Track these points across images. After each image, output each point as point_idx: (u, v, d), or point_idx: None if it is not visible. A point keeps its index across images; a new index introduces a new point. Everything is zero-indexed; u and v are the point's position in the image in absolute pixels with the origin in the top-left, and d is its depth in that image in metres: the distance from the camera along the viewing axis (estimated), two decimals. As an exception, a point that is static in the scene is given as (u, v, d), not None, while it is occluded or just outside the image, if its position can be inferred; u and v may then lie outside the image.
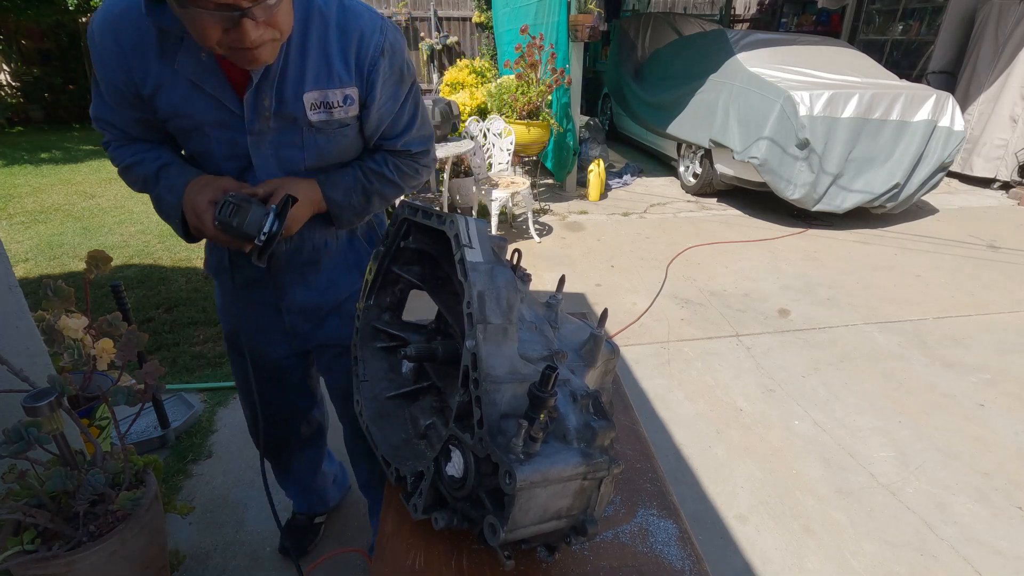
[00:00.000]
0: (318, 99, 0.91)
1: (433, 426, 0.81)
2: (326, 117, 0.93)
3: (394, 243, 0.81)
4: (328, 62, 0.89)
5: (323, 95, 0.91)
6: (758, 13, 11.53)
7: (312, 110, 0.91)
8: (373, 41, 0.91)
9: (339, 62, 0.90)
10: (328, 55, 0.89)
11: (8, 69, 8.66)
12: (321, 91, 0.90)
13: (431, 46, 9.68)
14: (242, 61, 0.79)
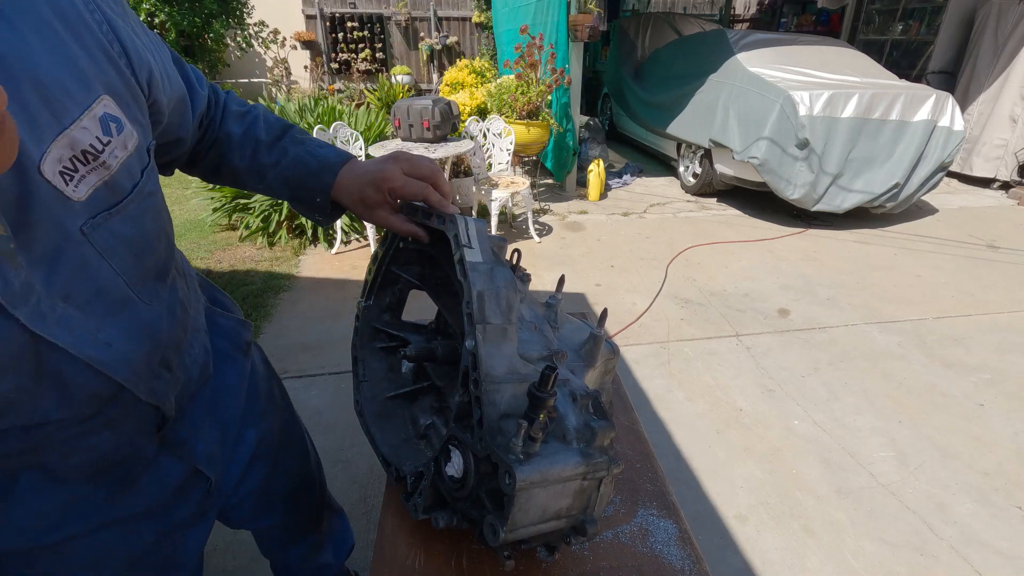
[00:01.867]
0: (64, 156, 0.45)
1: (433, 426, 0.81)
2: (99, 178, 0.49)
3: (394, 243, 0.81)
4: (36, 85, 0.43)
5: (67, 144, 0.45)
6: (758, 13, 11.53)
7: (70, 183, 0.46)
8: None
9: (52, 71, 0.44)
10: (26, 73, 0.43)
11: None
12: (60, 139, 0.45)
13: (431, 46, 9.68)
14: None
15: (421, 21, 9.79)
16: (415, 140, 3.78)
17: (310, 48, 9.58)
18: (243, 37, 8.03)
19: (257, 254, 3.86)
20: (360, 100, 6.65)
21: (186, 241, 4.06)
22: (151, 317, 0.59)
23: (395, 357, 0.89)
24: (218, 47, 8.09)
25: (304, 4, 9.40)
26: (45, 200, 0.45)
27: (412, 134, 3.75)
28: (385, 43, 9.78)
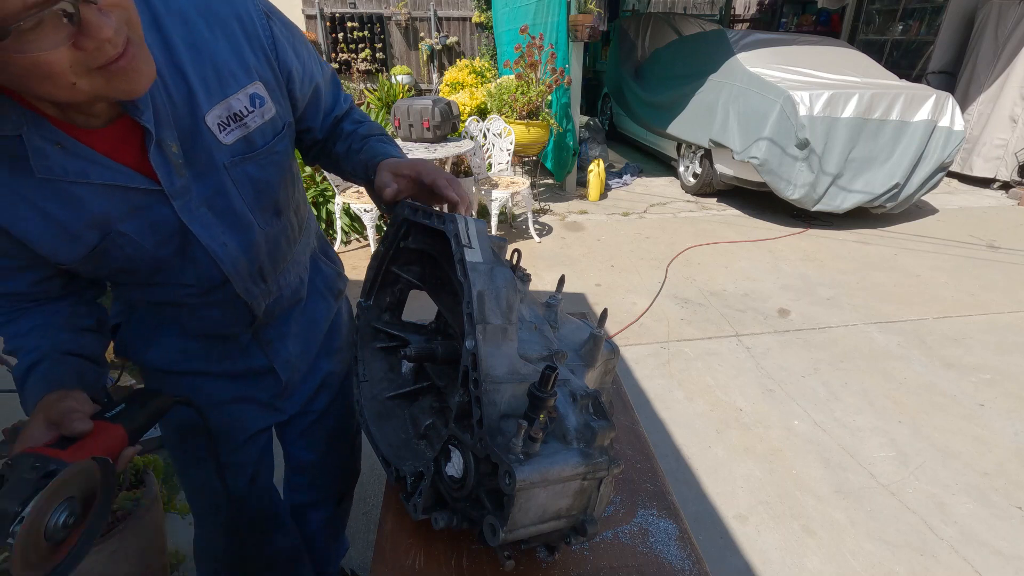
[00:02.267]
0: (223, 115, 0.70)
1: (433, 426, 0.81)
2: (242, 133, 0.72)
3: (393, 243, 0.81)
4: (214, 66, 0.68)
5: (226, 107, 0.70)
6: (758, 13, 11.54)
7: (222, 132, 0.70)
8: (251, 10, 0.72)
9: (227, 59, 0.69)
10: (209, 57, 0.68)
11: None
12: (222, 104, 0.69)
13: (431, 46, 9.68)
14: (118, 81, 0.55)
15: (421, 21, 9.79)
16: (415, 140, 3.78)
17: (310, 48, 9.57)
18: (243, 37, 8.02)
19: (257, 254, 3.86)
20: (360, 100, 6.65)
21: (186, 241, 4.06)
22: (259, 238, 0.81)
23: (395, 357, 0.89)
24: (218, 47, 8.09)
25: (304, 4, 9.40)
26: (205, 139, 0.70)
27: (412, 134, 3.75)
28: (385, 43, 9.78)
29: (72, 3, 0.49)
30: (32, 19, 0.48)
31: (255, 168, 0.76)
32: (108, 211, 0.66)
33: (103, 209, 0.66)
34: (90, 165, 0.63)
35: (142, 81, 0.58)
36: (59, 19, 0.49)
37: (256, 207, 0.79)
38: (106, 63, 0.53)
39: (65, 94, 0.54)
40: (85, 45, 0.51)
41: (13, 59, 0.50)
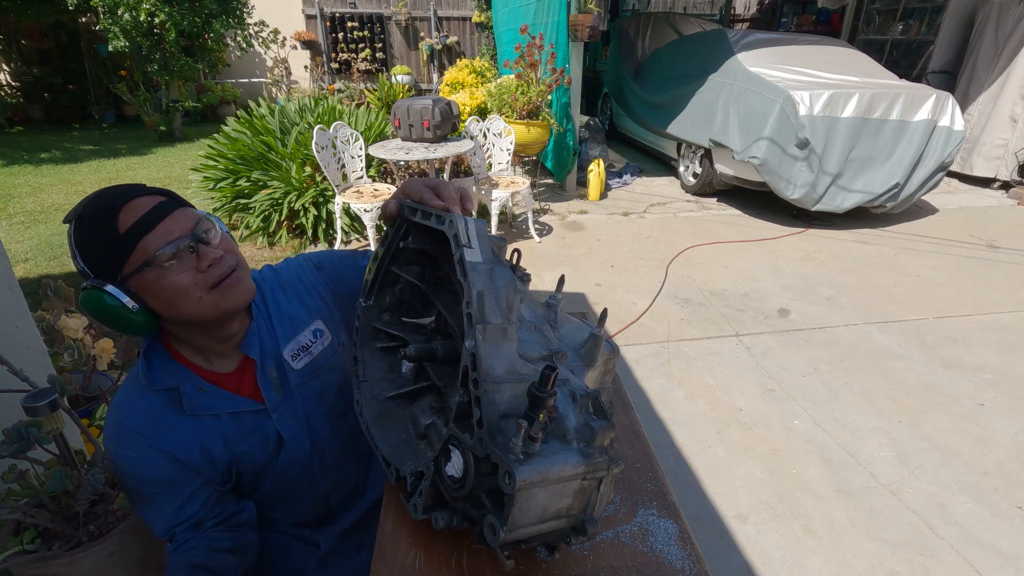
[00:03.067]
0: (294, 348, 0.95)
1: (433, 426, 0.81)
2: (309, 359, 0.96)
3: (393, 243, 0.81)
4: (290, 316, 0.96)
5: (296, 343, 0.95)
6: (758, 13, 11.54)
7: (294, 361, 0.95)
8: (305, 269, 1.02)
9: (296, 311, 0.97)
10: (286, 312, 0.96)
11: (8, 69, 8.66)
12: (292, 341, 0.95)
13: (431, 46, 9.68)
14: (230, 293, 0.81)
15: (421, 21, 9.79)
16: (415, 140, 3.78)
17: (310, 48, 9.58)
18: (243, 37, 8.03)
19: (257, 254, 3.87)
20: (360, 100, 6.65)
21: (186, 241, 4.06)
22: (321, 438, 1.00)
23: (395, 357, 0.89)
24: (218, 47, 8.09)
25: (304, 4, 9.40)
26: (285, 368, 0.94)
27: (412, 134, 3.75)
28: (385, 43, 9.78)
29: (193, 241, 0.77)
30: (168, 250, 0.75)
31: (318, 383, 0.98)
32: (231, 434, 0.90)
33: (228, 433, 0.90)
34: (220, 400, 0.89)
35: (245, 294, 0.83)
36: (187, 254, 0.77)
37: (318, 413, 0.99)
38: (219, 280, 0.79)
39: (196, 308, 0.78)
40: (202, 266, 0.77)
41: (159, 283, 0.75)
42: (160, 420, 0.85)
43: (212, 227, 0.81)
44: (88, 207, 0.77)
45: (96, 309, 0.77)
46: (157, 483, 0.87)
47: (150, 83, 7.88)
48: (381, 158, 3.82)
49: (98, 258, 0.76)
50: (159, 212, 0.76)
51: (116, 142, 7.50)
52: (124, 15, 6.82)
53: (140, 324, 0.78)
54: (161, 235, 0.75)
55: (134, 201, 0.76)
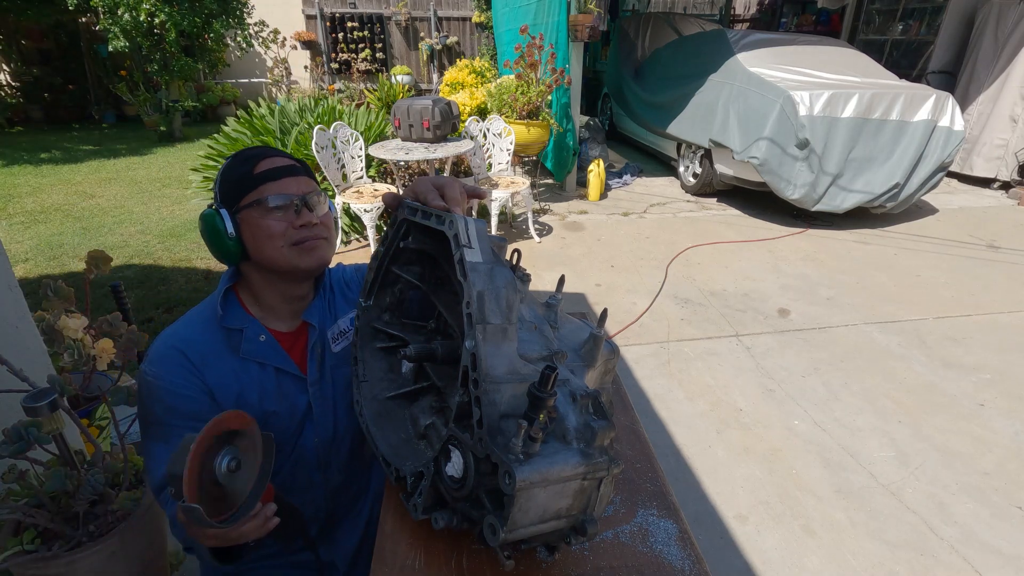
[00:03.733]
0: (335, 332, 1.04)
1: (433, 426, 0.81)
2: (345, 344, 1.04)
3: (393, 243, 0.81)
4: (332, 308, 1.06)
5: (336, 327, 1.04)
6: (758, 13, 11.54)
7: (334, 344, 1.03)
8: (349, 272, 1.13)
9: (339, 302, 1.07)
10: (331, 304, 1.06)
11: (8, 69, 8.66)
12: (334, 326, 1.04)
13: (431, 46, 9.68)
14: (305, 255, 0.91)
15: (421, 21, 9.79)
16: (415, 140, 3.78)
17: (310, 48, 9.58)
18: (243, 37, 8.03)
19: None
20: (360, 100, 6.65)
21: (187, 241, 4.06)
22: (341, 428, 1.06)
23: (395, 357, 0.89)
24: (218, 47, 8.09)
25: (304, 4, 9.40)
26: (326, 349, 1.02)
27: (412, 134, 3.75)
28: (385, 43, 9.78)
29: (299, 203, 0.91)
30: (277, 200, 0.89)
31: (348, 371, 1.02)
32: (269, 389, 0.96)
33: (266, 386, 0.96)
34: (273, 352, 0.97)
35: (318, 261, 0.93)
36: (290, 210, 0.90)
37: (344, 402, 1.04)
38: (301, 240, 0.90)
39: (275, 254, 0.90)
40: (295, 223, 0.90)
41: (258, 222, 0.89)
42: (211, 354, 0.92)
43: (323, 202, 0.94)
44: (246, 150, 0.94)
45: (207, 227, 0.89)
46: (185, 415, 0.89)
47: (150, 83, 7.88)
48: (381, 158, 3.82)
49: (229, 188, 0.90)
50: (288, 171, 0.91)
51: (116, 142, 7.50)
52: (124, 15, 6.82)
53: (230, 250, 0.90)
54: (279, 186, 0.90)
55: (276, 158, 0.93)
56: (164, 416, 0.89)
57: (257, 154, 0.93)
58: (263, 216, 0.88)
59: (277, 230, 0.88)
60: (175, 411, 0.89)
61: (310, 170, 0.96)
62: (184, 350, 0.90)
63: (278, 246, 0.89)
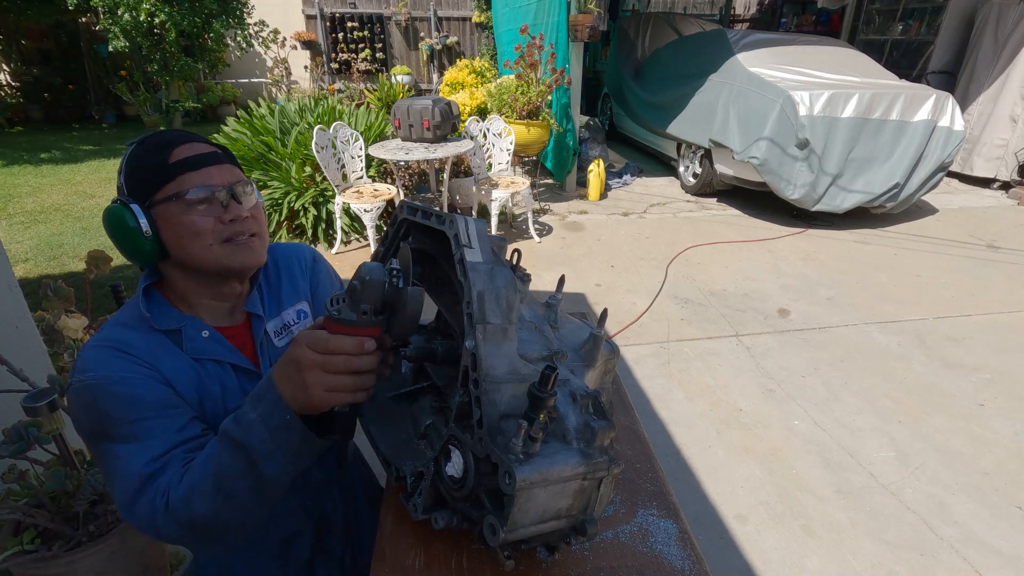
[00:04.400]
0: (277, 325, 0.95)
1: (433, 426, 0.81)
2: (288, 339, 0.95)
3: (393, 243, 0.81)
4: (275, 294, 0.97)
5: (279, 320, 0.96)
6: (758, 13, 11.54)
7: (276, 337, 0.94)
8: (305, 254, 1.04)
9: (285, 288, 0.98)
10: (276, 291, 0.97)
11: (8, 69, 8.66)
12: (276, 318, 0.95)
13: (431, 46, 9.68)
14: (239, 252, 0.82)
15: (421, 21, 9.79)
16: (415, 140, 3.78)
17: (310, 48, 9.58)
18: (243, 37, 8.03)
19: (257, 254, 3.86)
20: (360, 100, 6.65)
21: (186, 241, 4.06)
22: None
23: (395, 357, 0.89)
24: (218, 47, 8.09)
25: (304, 4, 9.40)
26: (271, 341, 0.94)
27: (412, 134, 3.76)
28: (385, 43, 9.78)
29: (227, 194, 0.80)
30: (201, 192, 0.78)
31: None
32: (230, 386, 0.87)
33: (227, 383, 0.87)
34: (222, 348, 0.87)
35: (253, 259, 0.85)
36: (216, 204, 0.80)
37: None
38: (233, 236, 0.81)
39: (203, 253, 0.80)
40: (224, 218, 0.80)
41: (180, 219, 0.78)
42: (161, 354, 0.81)
43: (250, 192, 0.85)
44: (156, 135, 0.82)
45: (114, 224, 0.79)
46: (152, 405, 0.76)
47: (150, 83, 7.88)
48: (381, 158, 3.82)
49: (140, 179, 0.79)
50: (209, 159, 0.81)
51: (116, 142, 7.50)
52: (124, 15, 6.82)
53: (146, 251, 0.79)
54: (202, 177, 0.79)
55: (194, 143, 0.82)
56: (127, 414, 0.74)
57: (171, 139, 0.81)
58: (185, 212, 0.77)
59: (204, 227, 0.78)
60: (139, 403, 0.75)
61: (233, 157, 0.87)
62: (125, 350, 0.78)
63: (206, 244, 0.79)
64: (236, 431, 0.69)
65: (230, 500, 0.69)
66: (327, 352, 0.63)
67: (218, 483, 0.69)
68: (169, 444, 0.75)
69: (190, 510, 0.69)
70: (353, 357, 0.63)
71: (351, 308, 0.62)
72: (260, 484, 0.69)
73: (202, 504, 0.69)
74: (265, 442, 0.67)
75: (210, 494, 0.69)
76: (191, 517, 0.70)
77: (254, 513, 0.73)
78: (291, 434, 0.68)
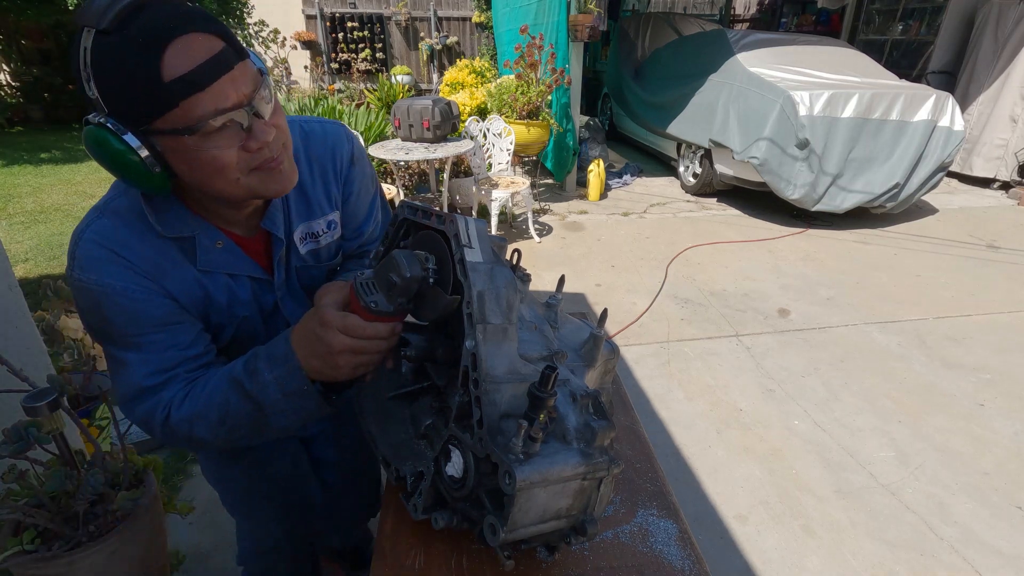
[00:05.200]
0: (303, 232, 0.89)
1: (433, 426, 0.81)
2: (314, 247, 0.91)
3: (393, 243, 0.81)
4: (306, 196, 0.88)
5: (307, 227, 0.89)
6: (758, 13, 11.54)
7: (301, 244, 0.88)
8: (342, 151, 0.91)
9: (318, 193, 0.89)
10: (304, 192, 0.87)
11: (8, 69, 8.66)
12: (304, 225, 0.88)
13: (431, 46, 9.68)
14: (271, 180, 0.70)
15: (421, 21, 9.79)
16: (415, 140, 3.78)
17: (310, 48, 9.58)
18: (243, 37, 8.03)
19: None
20: (360, 100, 6.65)
21: (186, 241, 4.06)
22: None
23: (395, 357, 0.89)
24: (218, 47, 8.08)
25: (304, 4, 9.40)
26: (291, 250, 0.88)
27: (412, 134, 3.75)
28: (385, 43, 9.78)
29: (248, 114, 0.64)
30: (218, 120, 0.61)
31: (317, 272, 0.95)
32: (241, 295, 0.84)
33: (238, 294, 0.84)
34: (236, 260, 0.82)
35: (287, 183, 0.73)
36: (236, 127, 0.64)
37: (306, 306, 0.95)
38: (262, 164, 0.68)
39: (230, 188, 0.67)
40: (251, 147, 0.65)
41: (196, 155, 0.63)
42: (168, 267, 0.74)
43: (268, 98, 0.67)
44: (124, 19, 0.57)
45: (105, 155, 0.62)
46: (156, 323, 0.73)
47: (150, 83, 7.87)
48: (381, 158, 3.81)
49: (127, 99, 0.59)
50: (217, 66, 0.60)
51: (116, 142, 7.49)
52: (124, 15, 6.82)
53: (155, 183, 0.65)
54: (214, 98, 0.60)
55: (189, 37, 0.58)
56: (129, 327, 0.72)
57: (155, 35, 0.57)
58: (201, 146, 0.62)
59: (227, 161, 0.64)
60: (142, 319, 0.72)
61: (232, 35, 0.64)
62: (126, 256, 0.71)
63: (233, 180, 0.66)
64: (250, 385, 0.72)
65: (232, 432, 0.75)
66: (365, 338, 0.66)
67: (223, 418, 0.74)
68: (172, 360, 0.75)
69: (191, 431, 0.74)
70: (383, 341, 0.68)
71: (388, 300, 0.66)
72: (265, 428, 0.75)
73: (204, 430, 0.74)
74: (278, 402, 0.72)
75: (214, 424, 0.74)
76: (190, 435, 0.75)
77: (250, 441, 0.78)
78: (307, 401, 0.72)
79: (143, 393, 0.74)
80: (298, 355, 0.69)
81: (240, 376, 0.72)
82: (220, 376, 0.75)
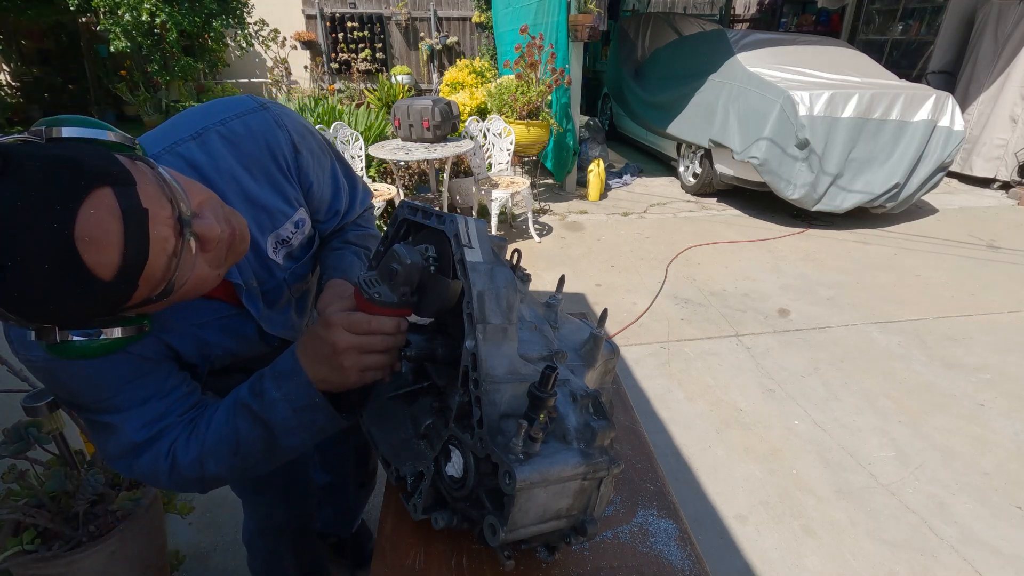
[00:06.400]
0: (274, 242, 0.83)
1: (433, 426, 0.81)
2: (287, 251, 0.86)
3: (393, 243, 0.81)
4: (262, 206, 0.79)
5: (275, 236, 0.82)
6: (758, 13, 11.53)
7: (275, 253, 0.83)
8: (280, 145, 0.79)
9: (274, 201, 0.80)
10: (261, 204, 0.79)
11: (8, 69, 8.66)
12: (273, 235, 0.82)
13: (431, 46, 9.68)
14: (239, 250, 0.66)
15: (421, 21, 9.79)
16: (415, 140, 3.78)
17: (310, 48, 9.58)
18: (243, 37, 8.03)
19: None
20: (360, 100, 6.65)
21: (186, 241, 4.06)
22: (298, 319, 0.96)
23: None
24: (218, 47, 8.08)
25: (304, 4, 9.40)
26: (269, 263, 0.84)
27: (412, 134, 3.75)
28: (385, 43, 9.78)
29: (189, 232, 0.56)
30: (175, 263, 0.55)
31: (302, 268, 0.92)
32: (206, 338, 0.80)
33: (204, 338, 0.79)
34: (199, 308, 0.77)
35: (248, 240, 0.69)
36: (189, 247, 0.56)
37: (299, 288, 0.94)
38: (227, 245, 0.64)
39: (216, 283, 0.65)
40: (210, 248, 0.60)
41: (173, 298, 0.59)
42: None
43: (178, 193, 0.55)
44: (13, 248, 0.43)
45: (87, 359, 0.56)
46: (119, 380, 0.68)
47: (150, 83, 7.88)
48: (381, 158, 3.82)
49: (70, 316, 0.50)
50: (136, 222, 0.49)
51: (116, 142, 7.49)
52: (125, 15, 6.82)
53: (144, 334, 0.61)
54: (161, 253, 0.52)
55: (84, 211, 0.45)
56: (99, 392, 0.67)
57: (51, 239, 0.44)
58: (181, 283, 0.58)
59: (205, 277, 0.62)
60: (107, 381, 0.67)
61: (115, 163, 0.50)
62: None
63: (214, 279, 0.64)
64: (258, 406, 0.70)
65: (246, 460, 0.73)
66: (369, 333, 0.66)
67: (235, 448, 0.71)
68: (158, 410, 0.71)
69: (203, 470, 0.72)
70: (390, 336, 0.67)
71: (391, 290, 0.66)
72: (276, 449, 0.73)
73: (217, 466, 0.72)
74: (288, 419, 0.70)
75: (227, 456, 0.72)
76: (202, 475, 0.72)
77: (263, 469, 0.76)
78: (317, 414, 0.70)
79: (138, 448, 0.70)
80: (304, 366, 0.68)
81: (247, 399, 0.70)
82: (224, 407, 0.73)
